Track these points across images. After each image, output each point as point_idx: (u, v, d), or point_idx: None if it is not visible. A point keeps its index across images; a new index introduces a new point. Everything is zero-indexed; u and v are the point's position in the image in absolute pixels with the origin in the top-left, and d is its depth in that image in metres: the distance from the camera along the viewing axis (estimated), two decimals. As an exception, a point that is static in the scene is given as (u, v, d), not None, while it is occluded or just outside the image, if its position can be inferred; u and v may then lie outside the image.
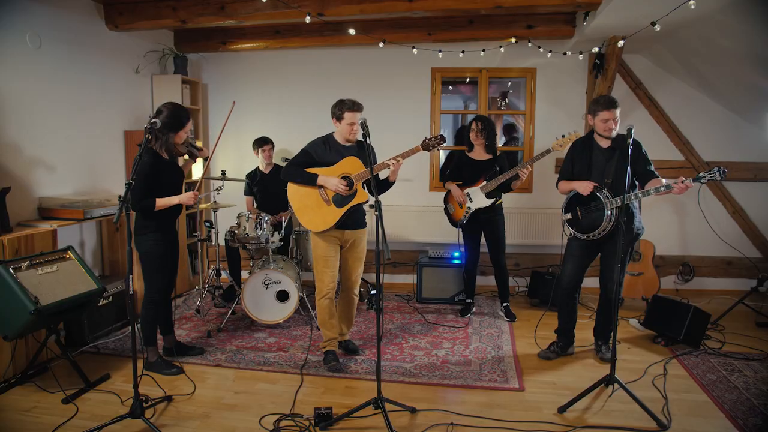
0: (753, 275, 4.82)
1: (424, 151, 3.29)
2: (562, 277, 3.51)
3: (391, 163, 3.20)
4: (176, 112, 3.13)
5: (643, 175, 3.20)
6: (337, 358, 3.43)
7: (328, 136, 3.40)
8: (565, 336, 3.58)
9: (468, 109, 6.35)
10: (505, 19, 4.63)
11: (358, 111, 3.23)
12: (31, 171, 3.75)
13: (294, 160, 3.39)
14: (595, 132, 3.32)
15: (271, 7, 4.11)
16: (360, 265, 3.51)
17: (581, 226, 3.29)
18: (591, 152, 3.33)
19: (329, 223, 3.30)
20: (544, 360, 3.54)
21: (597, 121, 3.25)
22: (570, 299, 3.51)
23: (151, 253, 3.19)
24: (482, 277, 5.15)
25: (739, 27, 3.56)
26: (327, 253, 3.38)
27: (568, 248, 3.48)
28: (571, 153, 3.47)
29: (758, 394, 3.01)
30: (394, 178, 3.30)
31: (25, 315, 2.84)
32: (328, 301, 3.43)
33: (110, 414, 2.76)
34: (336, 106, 3.28)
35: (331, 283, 3.41)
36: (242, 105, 5.55)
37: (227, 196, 5.05)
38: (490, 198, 4.13)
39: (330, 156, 3.33)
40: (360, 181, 3.27)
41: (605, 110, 3.18)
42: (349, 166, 3.29)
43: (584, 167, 3.34)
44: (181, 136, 3.19)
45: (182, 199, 3.17)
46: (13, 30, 3.60)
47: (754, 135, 4.82)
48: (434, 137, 3.27)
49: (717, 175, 2.77)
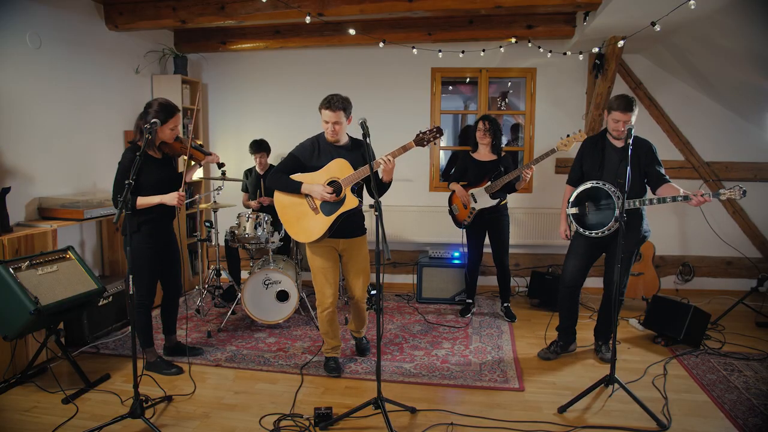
0: (753, 275, 4.82)
1: (418, 146, 2.99)
2: (564, 274, 3.48)
3: (382, 161, 2.93)
4: (164, 107, 3.07)
5: (654, 179, 3.17)
6: (337, 366, 3.35)
7: (319, 136, 3.18)
8: (566, 334, 3.57)
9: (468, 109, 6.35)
10: (505, 19, 4.63)
11: (331, 109, 2.98)
12: (31, 171, 3.75)
13: (279, 167, 3.18)
14: (608, 131, 3.29)
15: (271, 7, 4.11)
16: (362, 277, 3.28)
17: (587, 222, 3.25)
18: (603, 151, 3.29)
19: (317, 233, 3.08)
20: (543, 360, 3.53)
21: (609, 120, 3.21)
22: (571, 297, 3.48)
23: (134, 254, 3.09)
24: (482, 277, 5.14)
25: (739, 27, 3.56)
26: (325, 265, 3.19)
27: (572, 245, 3.46)
28: (581, 151, 3.44)
29: (758, 394, 3.01)
30: (387, 179, 3.04)
31: (25, 315, 2.84)
32: (328, 316, 3.28)
33: (110, 414, 2.76)
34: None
35: (332, 296, 3.24)
36: (242, 105, 5.56)
37: (227, 196, 5.05)
38: (495, 198, 4.13)
39: (318, 159, 3.12)
40: (349, 186, 3.02)
41: (618, 111, 3.13)
42: (336, 170, 3.05)
43: (595, 166, 3.30)
44: (165, 131, 3.08)
45: (164, 199, 3.07)
46: (13, 30, 3.60)
47: (754, 135, 4.82)
48: (429, 130, 2.96)
49: (737, 194, 2.74)
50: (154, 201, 3.08)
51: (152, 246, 3.18)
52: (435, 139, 2.98)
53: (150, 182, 3.10)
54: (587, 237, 3.26)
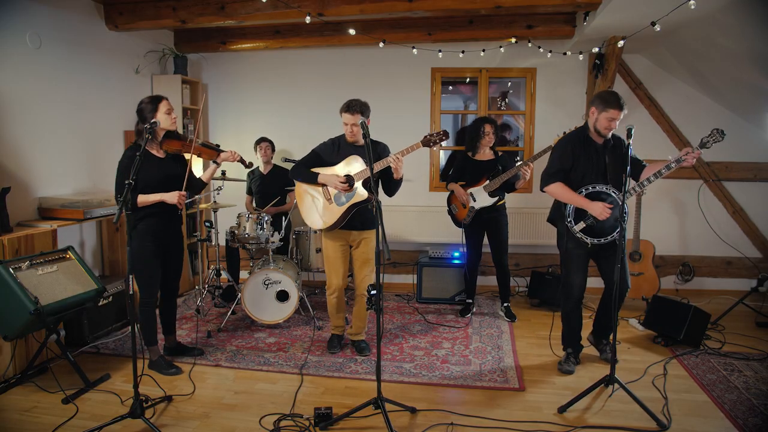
0: (753, 275, 4.82)
1: (425, 147, 3.25)
2: (572, 290, 3.30)
3: (391, 160, 3.21)
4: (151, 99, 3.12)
5: (637, 167, 3.17)
6: (339, 343, 3.68)
7: (340, 136, 3.48)
8: (576, 344, 3.47)
9: (468, 109, 6.34)
10: (505, 19, 4.63)
11: (350, 112, 3.27)
12: (31, 171, 3.75)
13: (302, 161, 3.50)
14: (592, 127, 3.13)
15: (271, 7, 4.11)
16: (367, 266, 3.52)
17: (594, 231, 3.12)
18: (593, 149, 3.15)
19: (329, 221, 3.39)
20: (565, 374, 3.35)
21: (602, 118, 3.04)
22: (579, 309, 3.42)
23: (134, 253, 3.09)
24: (482, 277, 5.14)
25: (739, 27, 3.56)
26: (335, 254, 3.50)
27: (574, 259, 3.26)
28: (570, 149, 3.16)
29: (758, 394, 3.01)
30: (398, 176, 3.33)
31: (25, 315, 2.84)
32: (336, 299, 3.61)
33: (110, 414, 2.76)
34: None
35: (338, 283, 3.54)
36: (242, 105, 5.55)
37: (227, 196, 5.05)
38: (494, 197, 4.13)
39: (338, 156, 3.41)
40: (360, 180, 3.32)
41: (616, 109, 2.99)
42: (351, 166, 3.36)
43: (589, 165, 3.14)
44: (163, 118, 3.08)
45: (165, 197, 3.09)
46: (13, 30, 3.60)
47: (754, 135, 4.82)
48: (436, 133, 3.22)
49: (718, 136, 2.89)
50: (154, 198, 3.09)
51: (154, 244, 3.18)
52: (441, 141, 3.22)
53: (153, 181, 3.10)
54: (585, 248, 3.18)
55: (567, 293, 3.34)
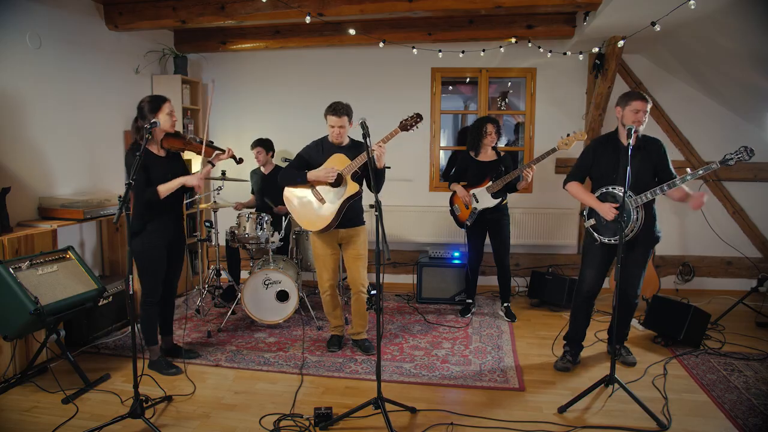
0: (753, 275, 4.82)
1: (402, 131, 3.27)
2: (582, 284, 3.35)
3: (375, 148, 3.18)
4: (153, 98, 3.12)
5: (661, 174, 3.12)
6: (338, 342, 3.71)
7: (323, 138, 3.53)
8: (577, 343, 3.48)
9: (468, 109, 6.34)
10: (505, 19, 4.63)
11: (336, 115, 3.33)
12: (31, 171, 3.75)
13: (288, 165, 3.57)
14: (621, 128, 3.15)
15: (271, 7, 4.11)
16: (359, 262, 3.55)
17: (607, 230, 3.16)
18: (618, 152, 3.14)
19: (326, 220, 3.40)
20: (561, 371, 3.37)
21: (627, 113, 3.06)
22: (587, 307, 3.41)
23: (138, 254, 3.15)
24: (482, 277, 5.14)
25: (739, 27, 3.56)
26: (324, 252, 3.54)
27: (589, 254, 3.32)
28: (593, 151, 3.25)
29: (758, 394, 3.01)
30: (381, 164, 3.30)
31: (25, 315, 2.84)
32: (328, 297, 3.64)
33: (110, 414, 2.76)
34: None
35: (329, 280, 3.58)
36: (242, 105, 5.55)
37: (227, 196, 5.05)
38: (496, 198, 4.13)
39: (323, 157, 3.45)
40: (348, 174, 3.35)
41: (638, 100, 3.02)
42: (336, 163, 3.40)
43: (611, 168, 3.16)
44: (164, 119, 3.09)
45: (187, 180, 3.14)
46: (13, 30, 3.60)
47: (754, 135, 4.81)
48: (410, 117, 3.26)
49: (745, 155, 2.83)
50: (175, 184, 3.12)
51: (162, 244, 3.20)
52: (416, 123, 3.28)
53: (158, 179, 3.12)
54: (601, 246, 3.20)
55: (577, 287, 3.43)
